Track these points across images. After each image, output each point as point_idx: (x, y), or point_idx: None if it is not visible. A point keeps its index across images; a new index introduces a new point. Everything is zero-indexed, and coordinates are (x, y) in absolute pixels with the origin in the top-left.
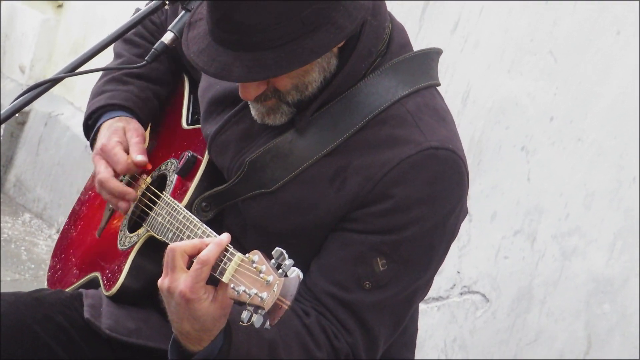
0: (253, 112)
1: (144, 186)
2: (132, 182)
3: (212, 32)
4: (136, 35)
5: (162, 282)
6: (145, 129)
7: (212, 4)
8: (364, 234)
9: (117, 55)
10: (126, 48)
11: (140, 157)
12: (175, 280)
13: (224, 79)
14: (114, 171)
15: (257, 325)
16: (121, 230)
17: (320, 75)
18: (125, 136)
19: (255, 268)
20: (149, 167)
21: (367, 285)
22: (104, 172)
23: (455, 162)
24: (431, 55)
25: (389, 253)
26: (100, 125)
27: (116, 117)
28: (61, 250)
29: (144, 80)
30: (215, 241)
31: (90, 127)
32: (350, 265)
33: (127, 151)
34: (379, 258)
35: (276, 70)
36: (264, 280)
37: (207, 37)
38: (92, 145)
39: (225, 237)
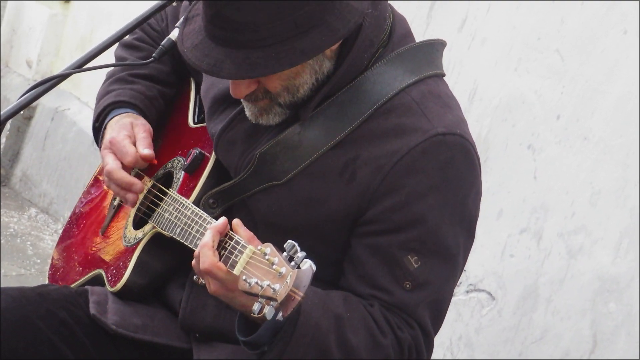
0: (247, 111)
1: (149, 184)
2: (140, 174)
3: (206, 28)
4: (137, 40)
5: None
6: (153, 128)
7: (207, 1)
8: (389, 235)
9: (118, 59)
10: (128, 52)
11: (147, 151)
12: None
13: (214, 75)
14: (122, 164)
15: (269, 317)
16: (125, 227)
17: (312, 78)
18: (133, 131)
19: (267, 260)
20: (155, 161)
21: (408, 286)
22: (112, 164)
23: (464, 146)
24: (436, 46)
25: (418, 249)
26: (108, 122)
27: (123, 113)
28: (63, 248)
29: (149, 80)
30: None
31: (98, 128)
32: (386, 270)
33: (134, 145)
34: (409, 255)
35: (264, 70)
36: (277, 272)
37: (202, 33)
38: (100, 144)
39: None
